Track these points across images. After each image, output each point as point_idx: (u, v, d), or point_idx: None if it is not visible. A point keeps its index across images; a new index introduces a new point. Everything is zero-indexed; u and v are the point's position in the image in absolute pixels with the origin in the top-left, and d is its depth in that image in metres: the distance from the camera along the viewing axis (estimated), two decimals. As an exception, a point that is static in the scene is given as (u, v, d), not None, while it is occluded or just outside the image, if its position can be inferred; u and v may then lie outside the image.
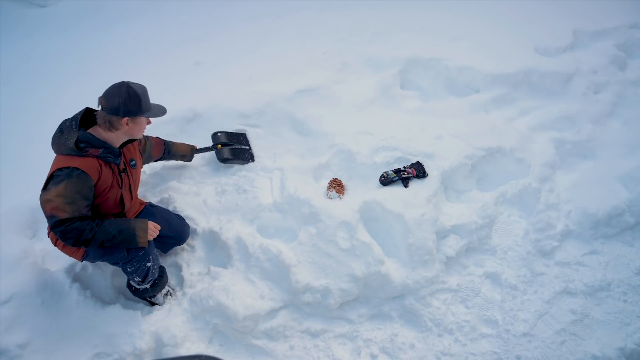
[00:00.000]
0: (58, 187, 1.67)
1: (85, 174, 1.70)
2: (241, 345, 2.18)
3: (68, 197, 1.67)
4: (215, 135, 2.70)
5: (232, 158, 2.61)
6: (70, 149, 1.70)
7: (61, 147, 1.73)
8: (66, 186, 1.67)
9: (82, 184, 1.70)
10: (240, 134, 2.77)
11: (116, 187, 1.88)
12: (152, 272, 2.01)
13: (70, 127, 1.74)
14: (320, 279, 2.22)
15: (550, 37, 3.61)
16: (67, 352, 1.93)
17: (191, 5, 4.45)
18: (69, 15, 4.57)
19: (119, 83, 1.76)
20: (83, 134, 1.74)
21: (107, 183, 1.82)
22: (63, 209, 1.66)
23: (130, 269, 1.94)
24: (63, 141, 1.72)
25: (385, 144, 2.71)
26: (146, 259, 1.95)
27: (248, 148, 2.73)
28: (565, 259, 2.52)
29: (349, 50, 3.43)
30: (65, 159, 1.71)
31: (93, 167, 1.74)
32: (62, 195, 1.66)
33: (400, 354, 2.19)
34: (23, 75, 3.55)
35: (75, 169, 1.69)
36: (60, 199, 1.66)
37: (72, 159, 1.71)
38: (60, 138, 1.73)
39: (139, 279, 1.99)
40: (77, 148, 1.71)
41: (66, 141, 1.71)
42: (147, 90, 1.83)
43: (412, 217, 2.34)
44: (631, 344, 2.21)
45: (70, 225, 1.68)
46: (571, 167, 2.92)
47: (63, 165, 1.69)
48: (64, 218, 1.67)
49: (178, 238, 2.29)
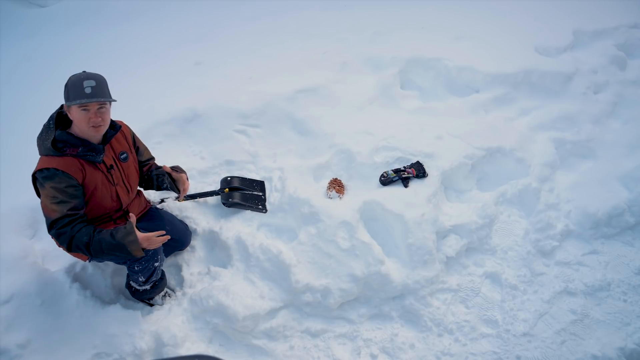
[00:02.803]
0: (44, 189, 1.66)
1: (65, 174, 1.67)
2: (241, 345, 2.18)
3: (55, 197, 1.65)
4: (224, 180, 2.51)
5: (241, 203, 2.41)
6: (48, 149, 1.68)
7: (41, 148, 1.71)
8: (50, 187, 1.65)
9: (65, 184, 1.67)
10: (255, 181, 2.57)
11: (107, 184, 1.84)
12: (157, 272, 2.02)
13: (48, 126, 1.71)
14: (320, 279, 2.22)
15: (550, 37, 3.61)
16: (67, 352, 1.93)
17: (191, 5, 4.45)
18: (69, 15, 4.58)
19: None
20: (60, 133, 1.70)
21: (95, 181, 1.77)
22: (52, 208, 1.65)
23: (138, 267, 1.94)
24: (41, 142, 1.70)
25: (385, 144, 2.71)
26: (154, 259, 1.96)
27: (261, 195, 2.52)
28: (565, 258, 2.52)
29: (349, 50, 3.43)
30: (45, 159, 1.69)
31: (73, 166, 1.71)
32: (49, 195, 1.65)
33: (400, 354, 2.19)
34: (23, 75, 3.56)
35: (55, 169, 1.66)
36: (48, 199, 1.65)
37: (51, 160, 1.68)
38: (40, 139, 1.71)
39: (143, 279, 1.99)
40: (54, 148, 1.68)
41: (44, 142, 1.69)
42: (90, 78, 1.66)
43: (412, 217, 2.34)
44: (631, 344, 2.21)
45: (63, 228, 1.66)
46: (571, 167, 2.92)
47: (43, 166, 1.67)
48: (55, 218, 1.66)
49: (180, 242, 2.29)
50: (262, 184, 2.58)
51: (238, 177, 2.55)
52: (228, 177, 2.53)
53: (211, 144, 2.74)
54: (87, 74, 1.69)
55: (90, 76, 1.68)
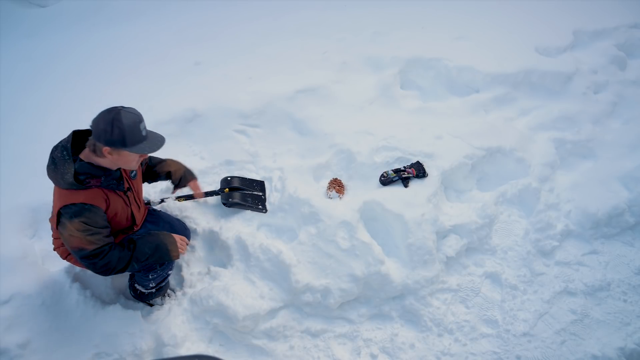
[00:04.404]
0: (73, 223, 1.57)
1: (94, 207, 1.61)
2: (241, 345, 2.18)
3: (89, 230, 1.59)
4: (224, 180, 2.51)
5: (241, 203, 2.41)
6: (71, 184, 1.56)
7: (59, 182, 1.57)
8: (80, 222, 1.57)
9: (94, 216, 1.61)
10: (255, 181, 2.57)
11: (125, 207, 1.81)
12: (168, 279, 2.04)
13: (63, 158, 1.56)
14: (320, 279, 2.22)
15: (550, 37, 3.61)
16: (67, 352, 1.93)
17: (191, 5, 4.45)
18: (69, 15, 4.57)
19: (111, 108, 1.54)
20: (80, 165, 1.59)
21: (115, 207, 1.73)
22: (89, 241, 1.60)
23: (153, 276, 1.95)
24: (60, 175, 1.56)
25: (385, 144, 2.71)
26: (169, 267, 1.98)
27: (261, 195, 2.53)
28: (565, 258, 2.52)
29: (349, 50, 3.43)
30: (68, 194, 1.58)
31: (99, 197, 1.64)
32: (81, 229, 1.58)
33: (400, 354, 2.19)
34: (23, 75, 3.55)
35: (83, 204, 1.57)
36: (80, 233, 1.58)
37: (75, 195, 1.58)
38: (56, 172, 1.57)
39: (154, 284, 2.00)
40: (77, 182, 1.57)
41: (64, 175, 1.55)
42: (142, 120, 1.59)
43: (412, 217, 2.34)
44: (631, 344, 2.21)
45: (103, 258, 1.63)
46: (571, 167, 2.92)
47: (69, 202, 1.57)
48: (94, 249, 1.61)
49: None
50: (262, 184, 2.58)
51: (238, 177, 2.55)
52: (228, 177, 2.53)
53: (211, 143, 2.74)
54: (135, 114, 1.57)
55: (140, 117, 1.58)
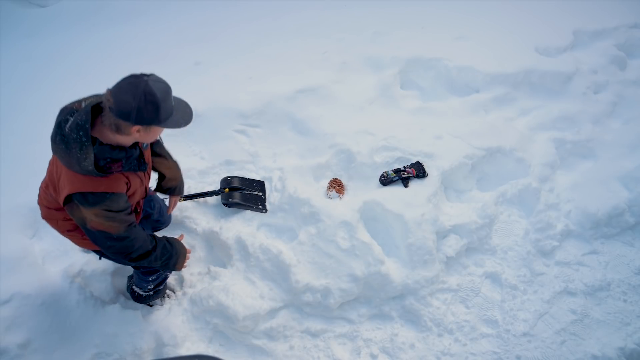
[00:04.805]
0: (93, 208, 1.43)
1: (117, 194, 1.48)
2: (241, 345, 2.18)
3: (109, 217, 1.47)
4: (224, 180, 2.50)
5: (241, 203, 2.40)
6: (91, 172, 1.38)
7: (74, 166, 1.37)
8: (101, 209, 1.45)
9: (117, 202, 1.49)
10: (255, 181, 2.56)
11: (141, 184, 1.69)
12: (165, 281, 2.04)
13: (79, 140, 1.35)
14: (320, 279, 2.22)
15: (550, 37, 3.61)
16: (67, 352, 1.93)
17: (191, 5, 4.44)
18: (69, 15, 4.57)
19: (136, 79, 1.32)
20: (100, 149, 1.39)
21: (135, 186, 1.61)
22: (110, 225, 1.49)
23: (151, 278, 1.95)
24: (75, 160, 1.36)
25: (385, 144, 2.71)
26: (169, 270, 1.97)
27: (261, 195, 2.52)
28: (565, 258, 2.52)
29: (349, 50, 3.43)
30: (86, 180, 1.40)
31: (121, 182, 1.51)
32: (103, 215, 1.45)
33: (400, 354, 2.19)
34: (23, 75, 3.55)
35: (104, 193, 1.43)
36: (102, 218, 1.46)
37: (97, 182, 1.41)
38: (69, 155, 1.36)
39: (152, 286, 2.00)
40: (98, 169, 1.39)
41: (80, 161, 1.36)
42: (171, 89, 1.42)
43: (412, 217, 2.34)
44: (631, 344, 2.21)
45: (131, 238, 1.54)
46: (571, 167, 2.92)
47: (87, 190, 1.41)
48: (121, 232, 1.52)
49: (163, 222, 2.22)
50: (262, 184, 2.58)
51: (238, 177, 2.55)
52: (228, 177, 2.53)
53: (211, 143, 2.74)
54: (164, 83, 1.40)
55: (168, 85, 1.41)
